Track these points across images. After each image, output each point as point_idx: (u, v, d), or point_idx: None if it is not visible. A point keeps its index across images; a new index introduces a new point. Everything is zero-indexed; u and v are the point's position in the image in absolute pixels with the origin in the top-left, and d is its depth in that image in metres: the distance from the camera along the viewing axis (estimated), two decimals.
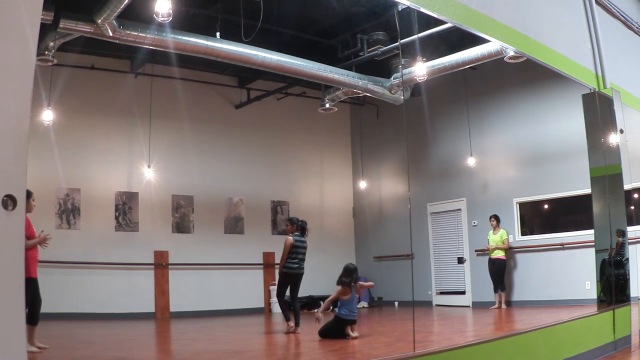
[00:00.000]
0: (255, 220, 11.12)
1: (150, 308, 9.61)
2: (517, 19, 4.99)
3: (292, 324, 6.86)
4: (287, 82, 10.32)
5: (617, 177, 5.86)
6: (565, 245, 9.12)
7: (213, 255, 10.41)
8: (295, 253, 7.09)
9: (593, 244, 6.02)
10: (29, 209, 4.71)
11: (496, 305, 9.55)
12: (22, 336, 2.00)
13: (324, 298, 10.35)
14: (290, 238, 7.12)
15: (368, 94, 9.73)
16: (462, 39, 7.48)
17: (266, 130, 11.36)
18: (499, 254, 9.71)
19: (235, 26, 7.42)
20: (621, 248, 5.84)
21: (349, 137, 12.47)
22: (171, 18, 6.17)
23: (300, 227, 7.25)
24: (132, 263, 9.51)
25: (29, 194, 4.69)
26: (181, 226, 10.34)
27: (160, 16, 6.11)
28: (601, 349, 5.26)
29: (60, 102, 8.44)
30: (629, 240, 5.92)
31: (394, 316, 9.68)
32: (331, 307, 6.82)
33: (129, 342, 6.60)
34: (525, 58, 5.43)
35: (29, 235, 4.86)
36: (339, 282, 6.39)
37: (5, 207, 1.94)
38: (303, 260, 7.15)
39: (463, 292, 10.52)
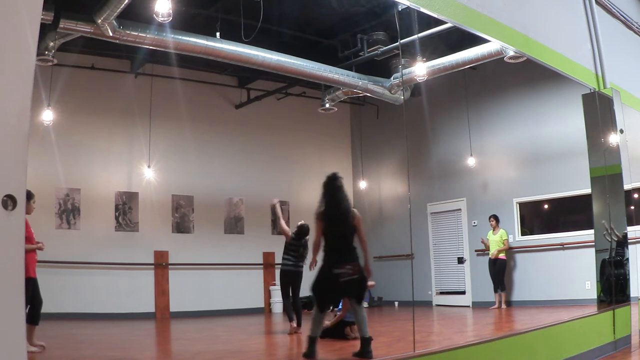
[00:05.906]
0: (255, 220, 11.11)
1: (150, 308, 9.61)
2: (517, 19, 4.99)
3: (295, 324, 6.88)
4: (287, 82, 10.31)
5: (617, 177, 5.86)
6: (565, 245, 9.12)
7: (213, 255, 10.40)
8: (288, 250, 7.20)
9: (593, 244, 6.02)
10: (28, 210, 4.76)
11: (496, 305, 9.55)
12: (22, 336, 1.99)
13: None
14: (290, 234, 7.30)
15: (368, 94, 9.72)
16: (462, 39, 7.48)
17: (266, 130, 11.36)
18: (499, 254, 9.71)
19: (235, 26, 7.41)
20: (619, 246, 5.84)
21: (349, 137, 12.46)
22: (171, 18, 6.18)
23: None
24: (132, 263, 9.51)
25: (29, 196, 4.75)
26: (181, 226, 10.34)
27: (160, 16, 6.11)
28: (601, 349, 5.26)
29: (60, 102, 8.43)
30: (630, 240, 5.92)
31: (394, 316, 9.67)
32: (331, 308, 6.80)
33: (129, 342, 6.60)
34: (525, 58, 5.43)
35: (27, 236, 4.88)
36: None
37: (5, 207, 1.94)
38: (296, 257, 7.17)
39: (463, 292, 10.52)
